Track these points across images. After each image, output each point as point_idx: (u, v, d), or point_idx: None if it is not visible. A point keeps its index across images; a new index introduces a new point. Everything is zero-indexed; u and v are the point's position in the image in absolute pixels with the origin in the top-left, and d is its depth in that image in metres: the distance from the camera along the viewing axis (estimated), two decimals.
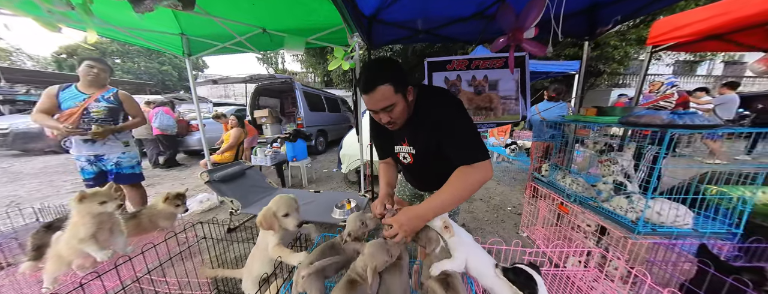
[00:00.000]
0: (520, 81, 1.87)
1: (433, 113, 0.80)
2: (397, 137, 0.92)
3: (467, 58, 1.88)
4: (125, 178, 1.84)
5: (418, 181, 1.10)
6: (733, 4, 1.27)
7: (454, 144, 0.78)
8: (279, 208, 0.92)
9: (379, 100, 0.74)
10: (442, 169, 0.82)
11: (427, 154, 0.87)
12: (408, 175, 1.14)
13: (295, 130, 3.32)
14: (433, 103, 0.82)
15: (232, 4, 1.78)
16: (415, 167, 0.95)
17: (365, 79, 0.73)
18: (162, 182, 3.88)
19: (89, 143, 1.70)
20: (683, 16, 1.53)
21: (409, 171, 1.07)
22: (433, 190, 0.95)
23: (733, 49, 1.81)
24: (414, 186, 1.14)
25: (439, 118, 0.79)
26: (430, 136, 0.82)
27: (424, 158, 0.89)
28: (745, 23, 1.25)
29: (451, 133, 0.78)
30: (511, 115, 1.90)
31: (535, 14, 1.01)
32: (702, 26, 1.38)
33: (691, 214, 1.06)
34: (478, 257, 0.73)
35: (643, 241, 1.09)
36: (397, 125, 0.84)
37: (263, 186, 2.44)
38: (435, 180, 0.87)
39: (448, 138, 0.79)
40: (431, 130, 0.81)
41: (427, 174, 0.98)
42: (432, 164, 0.89)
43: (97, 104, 1.68)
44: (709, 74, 12.22)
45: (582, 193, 1.40)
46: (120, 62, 15.93)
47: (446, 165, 0.79)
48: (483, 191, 3.17)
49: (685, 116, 0.98)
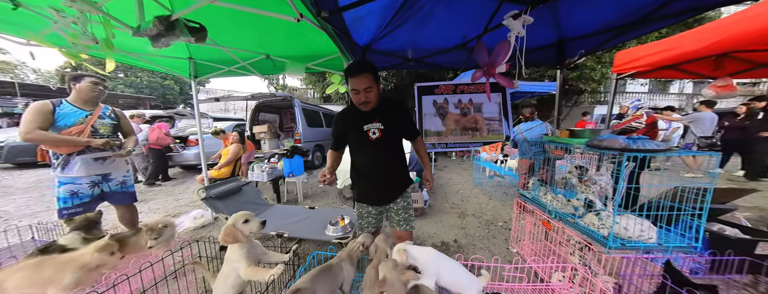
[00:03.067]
0: (501, 104, 2.04)
1: (397, 105, 1.28)
2: (369, 117, 1.20)
3: (453, 84, 2.06)
4: (129, 197, 1.80)
5: (375, 160, 1.25)
6: (677, 41, 1.48)
7: (411, 126, 1.34)
8: (236, 219, 0.98)
9: (363, 82, 1.09)
10: (396, 148, 1.27)
11: (393, 127, 1.22)
12: (366, 156, 1.26)
13: (292, 146, 3.42)
14: (394, 101, 1.30)
15: (240, 34, 1.97)
16: (380, 141, 1.20)
17: (355, 67, 1.09)
18: (155, 198, 3.86)
19: (100, 162, 1.62)
20: (639, 49, 1.75)
21: (372, 147, 1.22)
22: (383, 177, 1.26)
23: (686, 76, 2.03)
24: (368, 172, 1.28)
25: (403, 109, 1.29)
26: (397, 114, 1.25)
27: (391, 132, 1.22)
28: (689, 57, 1.44)
29: (409, 120, 1.32)
30: (496, 134, 2.05)
31: (503, 56, 1.19)
32: (655, 59, 1.58)
33: (655, 229, 1.15)
34: (452, 272, 0.80)
35: (615, 255, 1.16)
36: (370, 104, 1.16)
37: (258, 202, 2.48)
38: (391, 154, 1.26)
39: (408, 121, 1.31)
40: (397, 113, 1.26)
41: (388, 147, 1.25)
42: (392, 139, 1.24)
43: (101, 121, 1.65)
44: (681, 92, 13.30)
45: (562, 209, 1.49)
46: (123, 77, 16.24)
47: (399, 147, 1.28)
48: (475, 206, 3.22)
49: (638, 141, 1.11)
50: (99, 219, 1.12)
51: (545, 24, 1.59)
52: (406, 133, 1.32)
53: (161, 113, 5.50)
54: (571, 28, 1.62)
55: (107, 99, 1.83)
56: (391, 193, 1.29)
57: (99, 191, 1.64)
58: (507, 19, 1.09)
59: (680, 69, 2.00)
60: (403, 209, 1.31)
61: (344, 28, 1.45)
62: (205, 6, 1.21)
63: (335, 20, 1.20)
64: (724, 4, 1.05)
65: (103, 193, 1.66)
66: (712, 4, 1.11)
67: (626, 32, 1.41)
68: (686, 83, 13.07)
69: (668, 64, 1.63)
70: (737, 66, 1.85)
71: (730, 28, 1.15)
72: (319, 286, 0.70)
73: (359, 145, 1.24)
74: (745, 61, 1.78)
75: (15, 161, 5.47)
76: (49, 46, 1.47)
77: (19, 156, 5.38)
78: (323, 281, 0.73)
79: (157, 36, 1.10)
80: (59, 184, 1.55)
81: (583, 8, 1.41)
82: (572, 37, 1.68)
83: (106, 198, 1.70)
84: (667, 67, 1.85)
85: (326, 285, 0.73)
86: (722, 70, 1.73)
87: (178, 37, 1.17)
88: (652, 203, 1.28)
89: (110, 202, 1.74)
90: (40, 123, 1.45)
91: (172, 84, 17.11)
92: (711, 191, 1.09)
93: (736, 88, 1.60)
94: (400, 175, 1.31)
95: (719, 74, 1.73)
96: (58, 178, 1.55)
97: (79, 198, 1.55)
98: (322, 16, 1.02)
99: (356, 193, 1.35)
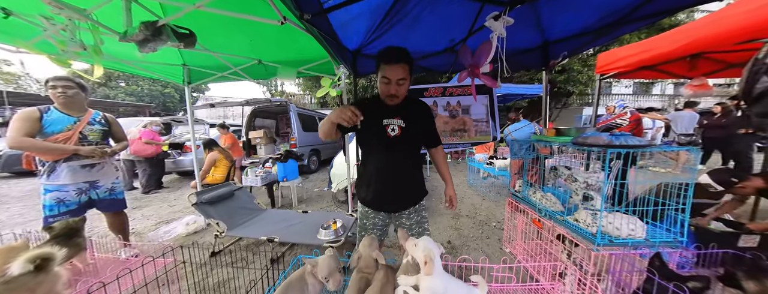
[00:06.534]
0: (489, 105, 2.07)
1: (423, 107, 1.19)
2: (391, 112, 1.10)
3: (441, 86, 2.10)
4: (119, 204, 1.76)
5: (389, 159, 1.11)
6: (654, 43, 1.53)
7: (433, 130, 1.24)
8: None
9: (398, 72, 0.98)
10: (414, 151, 1.18)
11: (415, 127, 1.12)
12: (380, 155, 1.11)
13: (286, 150, 3.42)
14: (421, 102, 1.22)
15: (231, 40, 2.00)
16: (399, 139, 1.09)
17: (392, 53, 0.97)
18: (150, 204, 3.81)
19: (87, 169, 1.57)
20: (619, 50, 1.80)
21: (389, 144, 1.09)
22: (396, 180, 1.13)
23: (664, 76, 2.09)
24: (380, 173, 1.12)
25: (428, 112, 1.20)
26: (422, 116, 1.16)
27: (412, 132, 1.11)
28: (665, 58, 1.49)
29: (432, 123, 1.23)
30: (483, 135, 2.07)
31: (486, 56, 1.22)
32: (634, 59, 1.63)
33: (644, 226, 1.16)
34: None
35: (603, 252, 1.17)
36: (397, 99, 1.05)
37: (251, 207, 2.46)
38: (408, 156, 1.14)
39: (431, 126, 1.22)
40: (421, 115, 1.16)
41: (406, 147, 1.13)
42: (412, 140, 1.14)
43: (91, 127, 1.60)
44: (663, 93, 14.05)
45: (551, 207, 1.50)
46: (124, 86, 16.38)
47: (417, 150, 1.21)
48: (469, 207, 3.22)
49: (621, 138, 1.14)
50: (81, 226, 1.10)
51: (529, 27, 1.63)
52: (427, 137, 1.22)
53: (159, 120, 5.46)
54: (553, 31, 1.66)
55: (106, 107, 1.84)
56: (402, 200, 1.16)
57: (86, 198, 1.60)
58: (489, 20, 1.12)
59: (659, 69, 2.06)
60: (417, 224, 1.17)
61: (331, 31, 1.48)
62: (194, 12, 1.23)
63: (320, 23, 1.22)
64: (694, 4, 1.10)
65: (91, 200, 1.63)
66: (682, 6, 1.16)
67: (604, 34, 1.45)
68: (667, 85, 13.60)
69: (647, 64, 1.68)
70: (710, 66, 1.91)
71: (700, 30, 1.20)
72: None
73: (374, 141, 1.11)
74: (717, 61, 1.85)
75: (12, 170, 5.41)
76: (39, 53, 1.48)
77: (16, 165, 5.32)
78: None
79: (144, 41, 1.12)
80: (45, 192, 1.52)
81: (563, 11, 1.45)
82: (555, 39, 1.73)
83: (94, 205, 1.66)
84: (647, 67, 1.91)
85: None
86: (697, 70, 1.80)
87: (165, 42, 1.19)
88: (637, 199, 1.30)
89: (99, 210, 1.72)
90: (27, 130, 1.42)
91: (172, 92, 17.20)
92: (692, 186, 1.11)
93: (712, 88, 1.65)
94: (415, 181, 1.18)
95: (694, 74, 1.79)
96: (44, 186, 1.52)
97: (66, 206, 1.52)
98: (306, 19, 1.02)
99: (362, 197, 1.20)
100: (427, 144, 1.27)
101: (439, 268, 0.71)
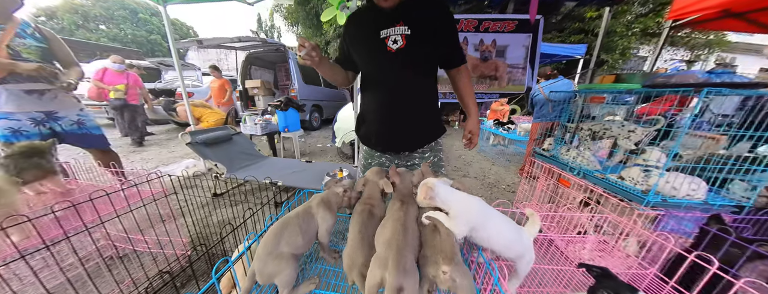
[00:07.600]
0: (529, 48, 1.71)
1: (437, 5, 0.80)
2: (389, 19, 0.79)
3: (476, 18, 1.69)
4: (95, 140, 1.49)
5: (393, 82, 0.84)
6: None
7: (454, 41, 0.85)
8: None
9: None
10: (426, 68, 0.85)
11: (426, 34, 0.79)
12: (381, 78, 0.86)
13: (286, 98, 3.12)
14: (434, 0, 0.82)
15: None
16: (405, 52, 0.79)
17: None
18: (148, 149, 3.72)
19: (36, 96, 1.27)
20: None
21: (391, 62, 0.82)
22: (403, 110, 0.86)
23: (751, 29, 1.67)
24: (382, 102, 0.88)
25: (446, 14, 0.81)
26: (435, 19, 0.80)
27: (420, 40, 0.79)
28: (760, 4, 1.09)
29: (452, 30, 0.84)
30: (517, 85, 1.77)
31: None
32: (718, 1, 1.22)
33: (706, 188, 0.99)
34: (502, 229, 0.58)
35: (649, 212, 1.03)
36: (393, 1, 0.76)
37: (251, 153, 2.33)
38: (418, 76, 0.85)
39: (450, 34, 0.84)
40: (435, 16, 0.80)
41: (414, 64, 0.82)
42: (422, 53, 0.81)
43: (22, 41, 1.21)
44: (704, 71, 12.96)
45: (587, 166, 1.34)
46: (105, 29, 15.08)
47: (430, 67, 0.86)
48: (478, 170, 3.12)
49: (723, 75, 0.87)
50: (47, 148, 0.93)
51: None
52: (443, 50, 0.83)
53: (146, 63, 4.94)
54: None
55: (88, 49, 1.39)
56: (412, 136, 0.89)
57: (49, 131, 1.35)
58: None
59: (748, 18, 1.62)
60: (434, 166, 0.94)
61: None
62: None
63: None
64: None
65: (55, 132, 1.37)
66: None
67: None
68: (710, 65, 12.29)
69: (734, 11, 1.27)
70: None
71: None
72: (282, 239, 0.53)
73: (372, 60, 0.84)
74: None
75: None
76: None
77: None
78: (288, 233, 0.55)
79: None
80: None
81: None
82: None
83: (64, 140, 1.40)
84: (735, 14, 1.48)
85: (292, 237, 0.54)
86: None
87: None
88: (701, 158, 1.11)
89: (73, 145, 1.46)
90: None
91: (158, 39, 15.98)
92: None
93: None
94: (428, 111, 0.88)
95: None
96: None
97: (26, 137, 1.28)
98: None
99: (362, 134, 0.96)
100: (445, 63, 0.89)
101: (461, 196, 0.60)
